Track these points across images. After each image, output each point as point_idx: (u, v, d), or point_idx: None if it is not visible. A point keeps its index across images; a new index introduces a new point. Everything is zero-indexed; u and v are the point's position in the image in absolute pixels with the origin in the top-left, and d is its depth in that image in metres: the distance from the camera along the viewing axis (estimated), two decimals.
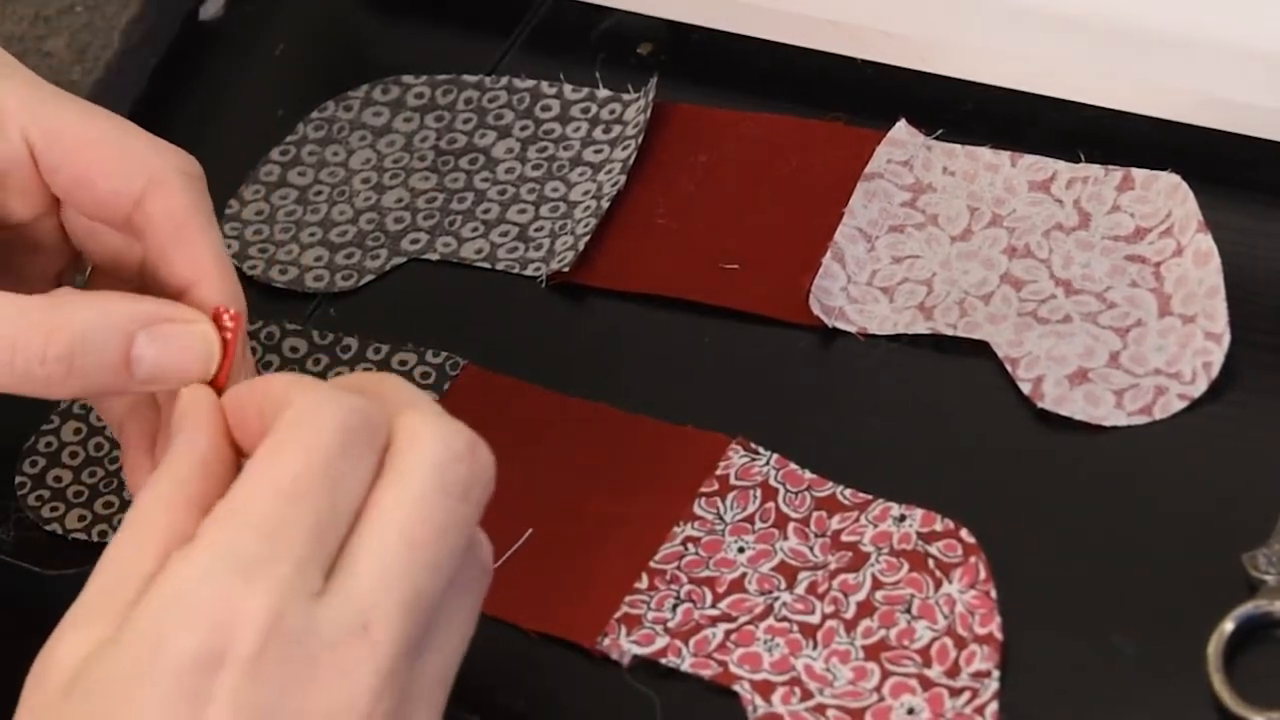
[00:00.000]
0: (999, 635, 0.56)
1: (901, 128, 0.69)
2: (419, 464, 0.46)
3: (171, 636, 0.43)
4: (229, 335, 0.51)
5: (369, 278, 0.71)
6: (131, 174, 0.52)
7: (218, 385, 0.50)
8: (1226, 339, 0.61)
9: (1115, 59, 0.68)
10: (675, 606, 0.59)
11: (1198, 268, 0.63)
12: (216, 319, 0.51)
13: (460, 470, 0.46)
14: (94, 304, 0.50)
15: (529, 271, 0.70)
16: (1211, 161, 0.66)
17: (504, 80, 0.76)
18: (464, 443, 0.47)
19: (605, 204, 0.70)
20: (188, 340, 0.50)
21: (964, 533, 0.58)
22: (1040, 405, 0.61)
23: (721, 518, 0.61)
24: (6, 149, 0.52)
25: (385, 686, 0.44)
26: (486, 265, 0.70)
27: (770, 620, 0.58)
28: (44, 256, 0.56)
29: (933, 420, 0.63)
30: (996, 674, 0.55)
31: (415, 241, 0.72)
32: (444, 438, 0.46)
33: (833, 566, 0.59)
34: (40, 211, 0.54)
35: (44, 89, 0.53)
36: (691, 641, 0.58)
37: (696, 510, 0.61)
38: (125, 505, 0.65)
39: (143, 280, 0.54)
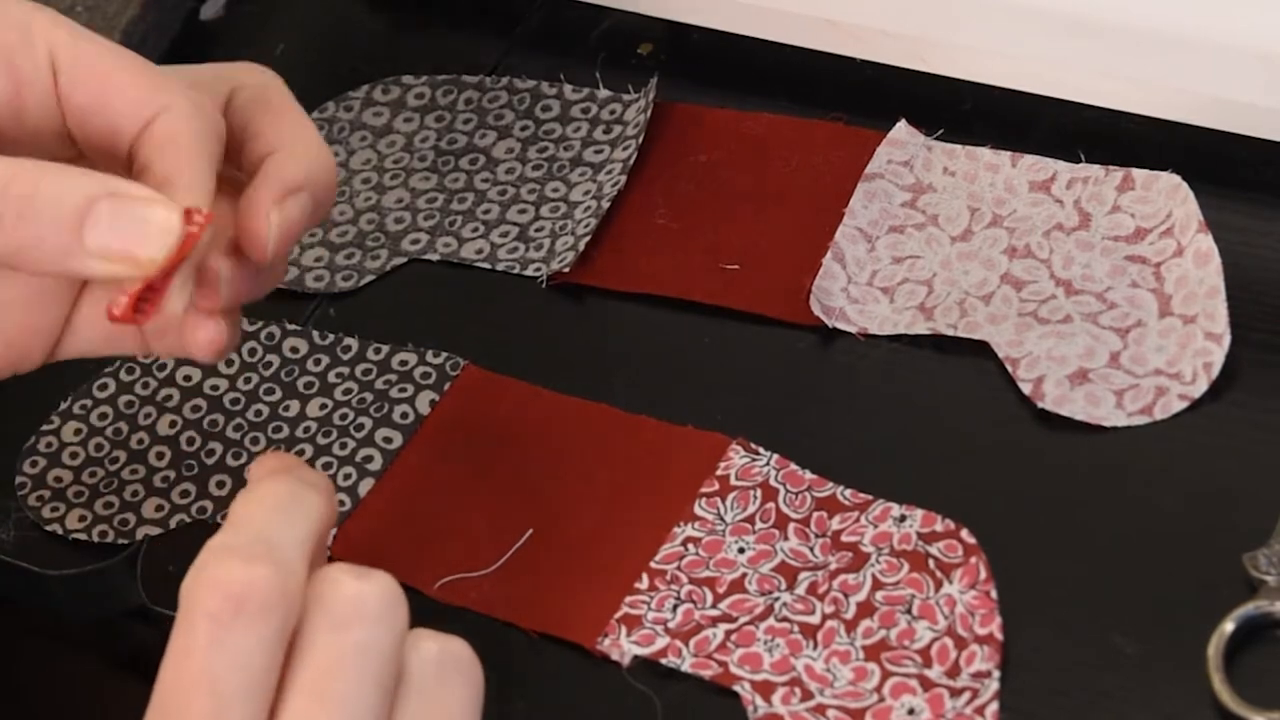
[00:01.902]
0: (999, 635, 0.56)
1: (901, 128, 0.69)
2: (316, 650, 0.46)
3: None
4: (194, 230, 0.49)
5: (369, 278, 0.71)
6: (145, 100, 0.51)
7: (164, 275, 0.49)
8: (1227, 339, 0.61)
9: (1115, 59, 0.68)
10: (675, 607, 0.59)
11: (1198, 268, 0.63)
12: (186, 216, 0.49)
13: (359, 636, 0.46)
14: (60, 165, 0.49)
15: (529, 271, 0.70)
16: (1211, 161, 0.66)
17: (504, 80, 0.76)
18: (352, 609, 0.46)
19: (605, 204, 0.70)
20: (151, 219, 0.48)
21: (964, 533, 0.58)
22: (1040, 405, 0.61)
23: (722, 518, 0.61)
24: (29, 60, 0.52)
25: None
26: (487, 265, 0.70)
27: (770, 620, 0.58)
28: None
29: (933, 420, 0.63)
30: (997, 674, 0.55)
31: (415, 242, 0.72)
32: (336, 610, 0.46)
33: (833, 567, 0.59)
34: (46, 129, 0.53)
35: (72, 22, 0.53)
36: (692, 642, 0.58)
37: (697, 510, 0.61)
38: (126, 506, 0.65)
39: None
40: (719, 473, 0.62)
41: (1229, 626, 0.55)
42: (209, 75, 0.56)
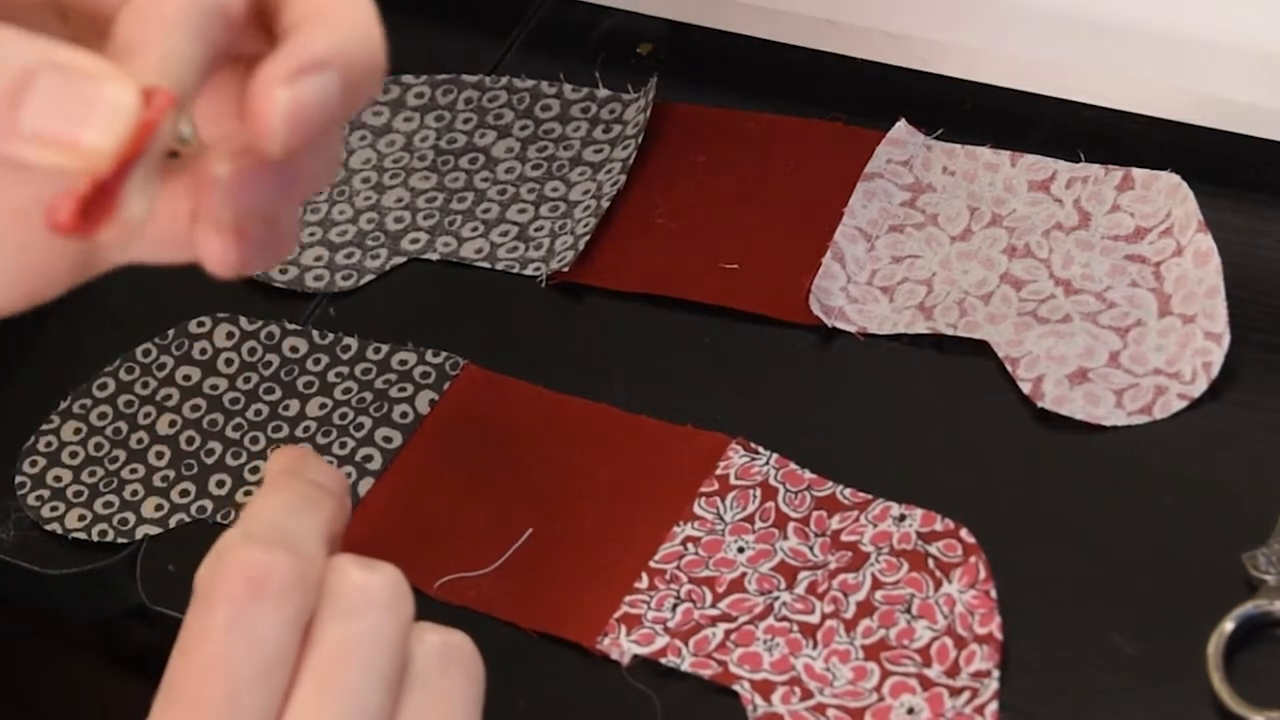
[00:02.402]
0: (999, 635, 0.56)
1: (901, 128, 0.69)
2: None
3: None
4: (151, 116, 0.39)
5: (369, 278, 0.71)
6: None
7: (116, 172, 0.39)
8: (1226, 339, 0.61)
9: (1115, 59, 0.68)
10: (675, 606, 0.59)
11: (1198, 267, 0.63)
12: (145, 99, 0.40)
13: (366, 625, 0.46)
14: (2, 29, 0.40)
15: (529, 271, 0.70)
16: (1211, 161, 0.66)
17: (504, 80, 0.76)
18: (358, 599, 0.46)
19: (605, 204, 0.70)
20: (101, 99, 0.39)
21: (964, 532, 0.58)
22: (1040, 405, 0.61)
23: (721, 517, 0.61)
24: None
25: None
26: (486, 265, 0.70)
27: (770, 620, 0.58)
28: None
29: (933, 420, 0.63)
30: (996, 674, 0.55)
31: (415, 241, 0.72)
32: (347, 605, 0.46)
33: (832, 566, 0.59)
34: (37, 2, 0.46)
35: None
36: (691, 641, 0.58)
37: (696, 510, 0.61)
38: (125, 505, 0.65)
39: None
40: (718, 472, 0.62)
41: (1228, 626, 0.55)
42: None
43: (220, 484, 0.65)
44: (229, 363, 0.69)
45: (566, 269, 0.69)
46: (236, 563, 0.45)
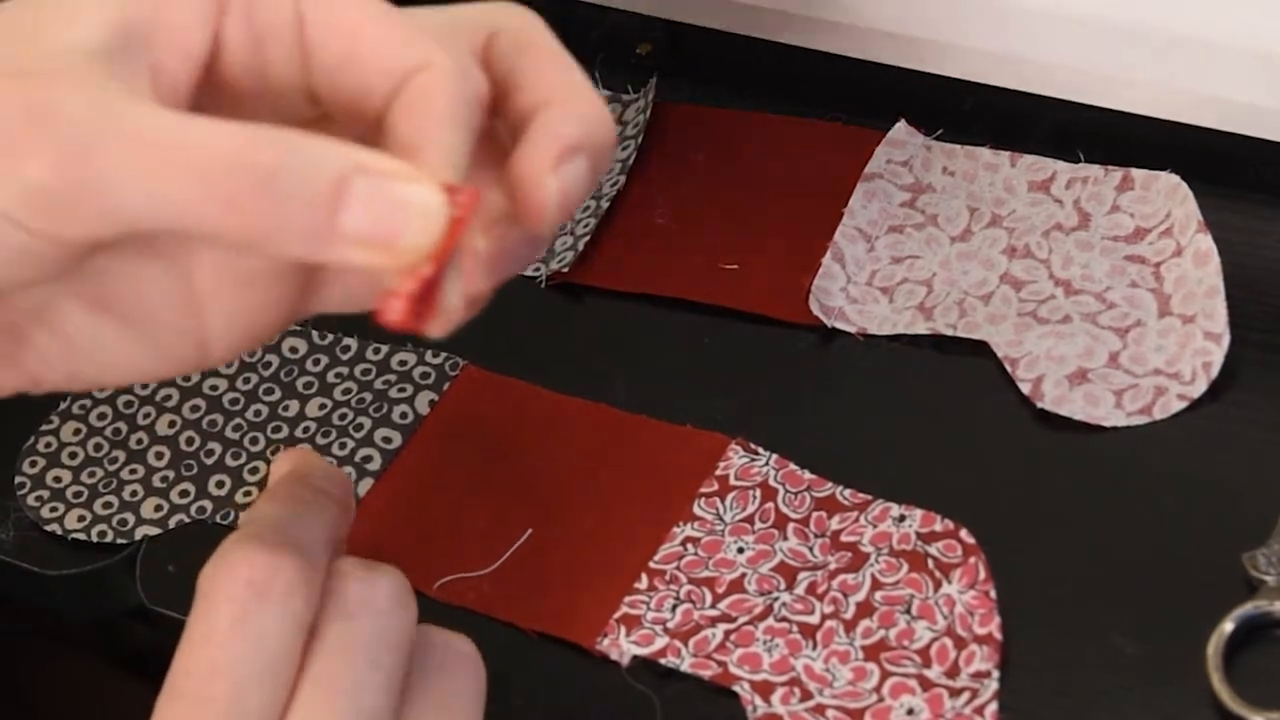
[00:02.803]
0: (999, 635, 0.56)
1: (901, 128, 0.69)
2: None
3: None
4: (460, 214, 0.42)
5: None
6: (400, 59, 0.44)
7: (434, 265, 0.42)
8: (1226, 339, 0.61)
9: (1115, 59, 0.68)
10: (675, 607, 0.59)
11: (1197, 268, 0.63)
12: (450, 196, 0.42)
13: (366, 629, 0.46)
14: (309, 134, 0.42)
15: (528, 271, 0.70)
16: (1211, 161, 0.66)
17: None
18: (362, 601, 0.46)
19: (605, 204, 0.70)
20: (413, 200, 0.41)
21: (964, 533, 0.58)
22: (1040, 405, 0.61)
23: (721, 518, 0.61)
24: (273, 10, 0.45)
25: None
26: None
27: (770, 620, 0.58)
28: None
29: (933, 420, 0.63)
30: (996, 674, 0.55)
31: None
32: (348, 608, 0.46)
33: (832, 567, 0.59)
34: (289, 87, 0.47)
35: None
36: (691, 642, 0.58)
37: (696, 510, 0.61)
38: (125, 506, 0.65)
39: None
40: (718, 473, 0.62)
41: (1228, 626, 0.55)
42: (467, 19, 0.48)
43: (220, 484, 0.65)
44: (228, 363, 0.69)
45: (566, 269, 0.69)
46: (239, 564, 0.45)
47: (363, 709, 0.45)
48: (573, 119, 0.46)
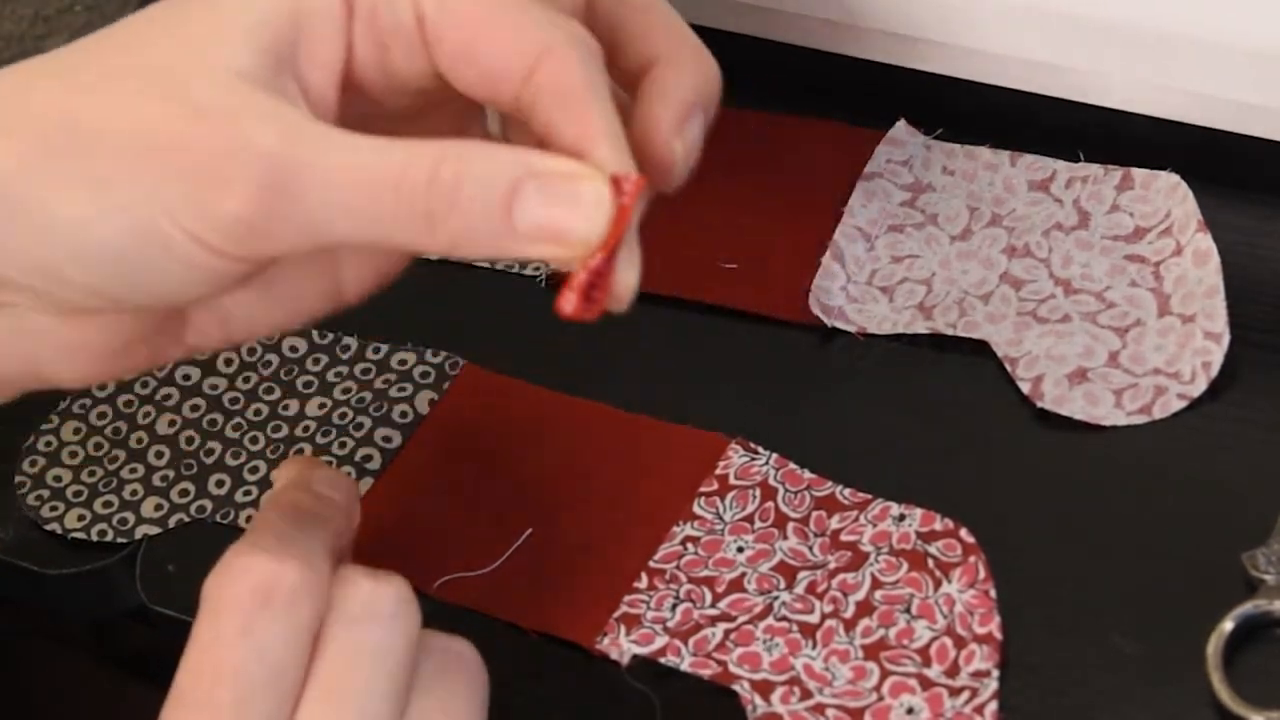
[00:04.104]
0: (998, 635, 0.56)
1: (901, 127, 0.69)
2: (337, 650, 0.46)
3: None
4: (626, 201, 0.45)
5: None
6: (522, 48, 0.47)
7: (606, 251, 0.45)
8: (1226, 339, 0.61)
9: (1115, 59, 0.68)
10: (675, 606, 0.59)
11: (1197, 267, 0.63)
12: (615, 185, 0.45)
13: (374, 634, 0.47)
14: (479, 143, 0.46)
15: (528, 271, 0.70)
16: (1211, 161, 0.66)
17: None
18: (365, 608, 0.47)
19: None
20: (581, 196, 0.45)
21: (963, 532, 0.58)
22: (1039, 405, 0.61)
23: (721, 517, 0.61)
24: (391, 12, 0.47)
25: None
26: (486, 264, 0.70)
27: (769, 620, 0.58)
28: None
29: (932, 420, 0.63)
30: (996, 673, 0.55)
31: None
32: (353, 613, 0.47)
33: (832, 566, 0.59)
34: (416, 77, 0.49)
35: None
36: (691, 641, 0.58)
37: (696, 510, 0.61)
38: (125, 505, 0.65)
39: None
40: (718, 472, 0.62)
41: (1228, 626, 0.55)
42: None
43: (220, 484, 0.65)
44: (228, 362, 0.69)
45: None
46: (244, 572, 0.45)
47: (367, 715, 0.45)
48: (688, 78, 0.49)
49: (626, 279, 0.47)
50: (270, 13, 0.46)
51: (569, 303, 0.46)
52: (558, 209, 0.45)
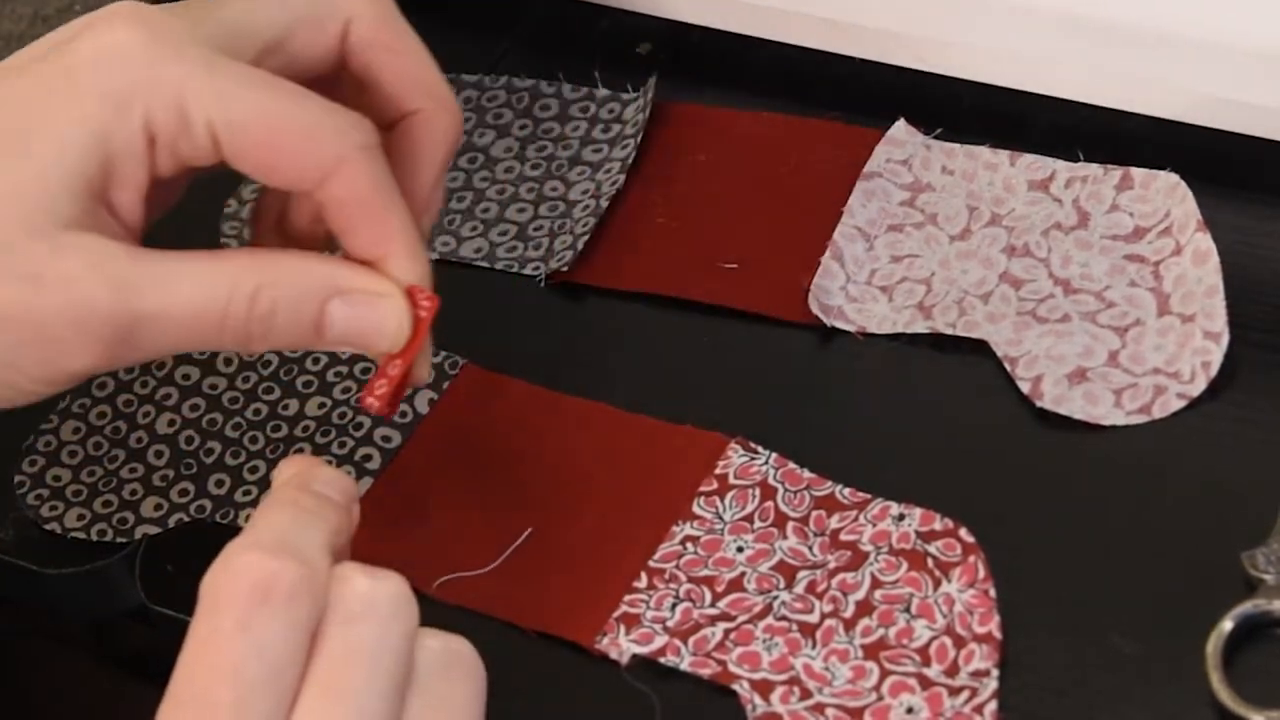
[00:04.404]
0: (998, 634, 0.56)
1: (900, 127, 0.69)
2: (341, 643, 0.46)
3: None
4: (422, 314, 0.52)
5: None
6: (315, 160, 0.51)
7: (402, 365, 0.52)
8: (1225, 338, 0.61)
9: (1115, 59, 0.68)
10: (674, 605, 0.59)
11: (1196, 267, 0.63)
12: (411, 296, 0.52)
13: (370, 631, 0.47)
14: (294, 267, 0.51)
15: (528, 271, 0.70)
16: (1211, 161, 0.66)
17: (503, 79, 0.76)
18: (363, 606, 0.47)
19: (604, 203, 0.70)
20: (381, 312, 0.52)
21: (963, 532, 0.58)
22: (1039, 404, 0.61)
23: (720, 517, 0.61)
24: (189, 142, 0.51)
25: None
26: (485, 264, 0.70)
27: (769, 619, 0.58)
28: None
29: (931, 419, 0.63)
30: (995, 673, 0.55)
31: None
32: (351, 607, 0.47)
33: (832, 565, 0.59)
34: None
35: (221, 72, 0.51)
36: (690, 640, 0.58)
37: (695, 509, 0.61)
38: (124, 505, 0.65)
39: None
40: (718, 471, 0.62)
41: (1228, 625, 0.55)
42: (314, 3, 0.54)
43: (219, 483, 0.65)
44: (228, 362, 0.69)
45: (566, 269, 0.69)
46: (243, 570, 0.45)
47: (365, 713, 0.45)
48: (441, 137, 0.55)
49: (420, 374, 0.53)
50: (82, 162, 0.50)
51: (372, 408, 0.52)
52: (362, 325, 0.52)
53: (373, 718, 0.45)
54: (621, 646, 0.58)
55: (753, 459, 0.62)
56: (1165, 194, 0.65)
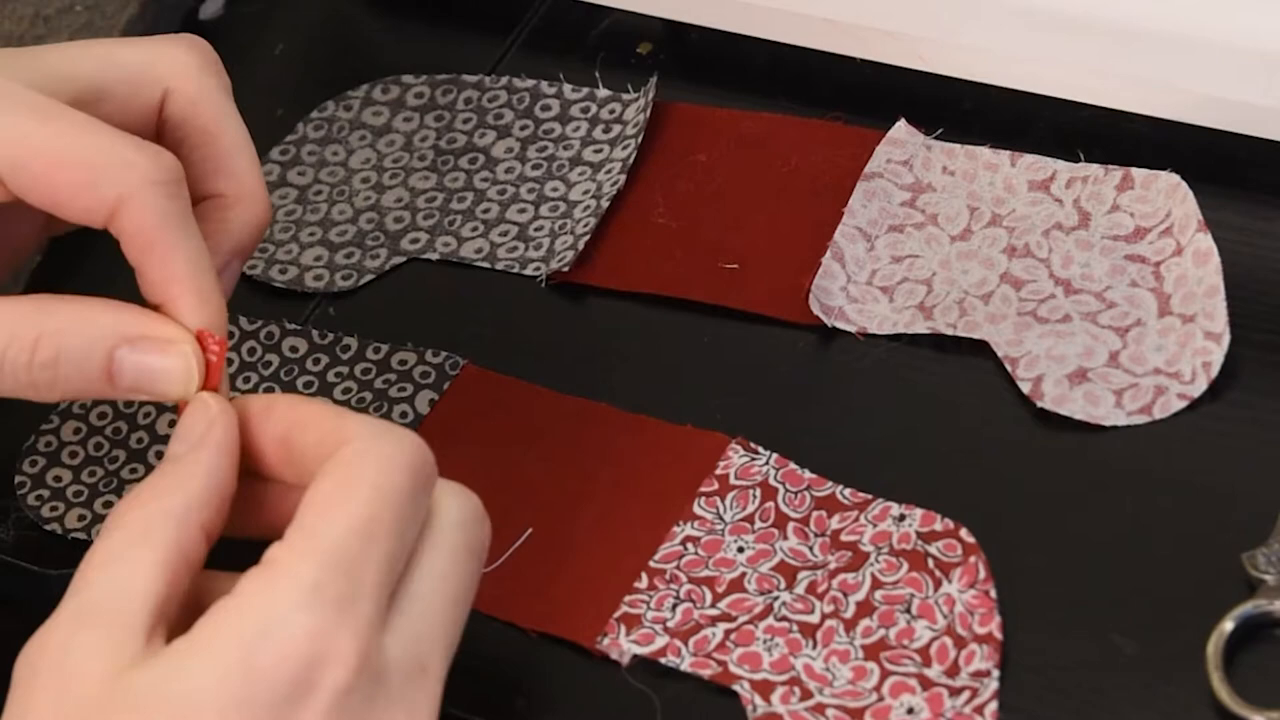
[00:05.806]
0: (999, 635, 0.56)
1: (901, 127, 0.69)
2: (453, 523, 0.49)
3: (268, 664, 0.45)
4: (213, 359, 0.51)
5: (369, 277, 0.71)
6: (100, 194, 0.50)
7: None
8: (1226, 339, 0.61)
9: (1115, 59, 0.68)
10: (675, 606, 0.59)
11: (1197, 267, 0.63)
12: (201, 340, 0.51)
13: (481, 533, 0.50)
14: (78, 314, 0.50)
15: (529, 271, 0.70)
16: (1211, 161, 0.66)
17: (504, 80, 0.76)
18: (479, 508, 0.50)
19: (605, 204, 0.70)
20: (168, 360, 0.51)
21: (964, 532, 0.58)
22: (1040, 405, 0.61)
23: (721, 517, 0.61)
24: None
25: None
26: (486, 265, 0.70)
27: (770, 620, 0.58)
28: (22, 225, 0.56)
29: (932, 420, 0.63)
30: (996, 673, 0.55)
31: (415, 241, 0.72)
32: (468, 501, 0.50)
33: (832, 566, 0.59)
34: (29, 213, 0.53)
35: (10, 102, 0.50)
36: (691, 641, 0.58)
37: (696, 510, 0.61)
38: None
39: None
40: (718, 472, 0.62)
41: (1228, 625, 0.55)
42: (135, 66, 0.54)
43: None
44: (228, 363, 0.68)
45: (566, 269, 0.69)
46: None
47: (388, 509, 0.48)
48: (244, 225, 0.55)
49: None
50: None
51: None
52: (152, 372, 0.51)
53: (394, 518, 0.47)
54: (622, 647, 0.58)
55: (753, 459, 0.62)
56: (1166, 194, 0.65)
